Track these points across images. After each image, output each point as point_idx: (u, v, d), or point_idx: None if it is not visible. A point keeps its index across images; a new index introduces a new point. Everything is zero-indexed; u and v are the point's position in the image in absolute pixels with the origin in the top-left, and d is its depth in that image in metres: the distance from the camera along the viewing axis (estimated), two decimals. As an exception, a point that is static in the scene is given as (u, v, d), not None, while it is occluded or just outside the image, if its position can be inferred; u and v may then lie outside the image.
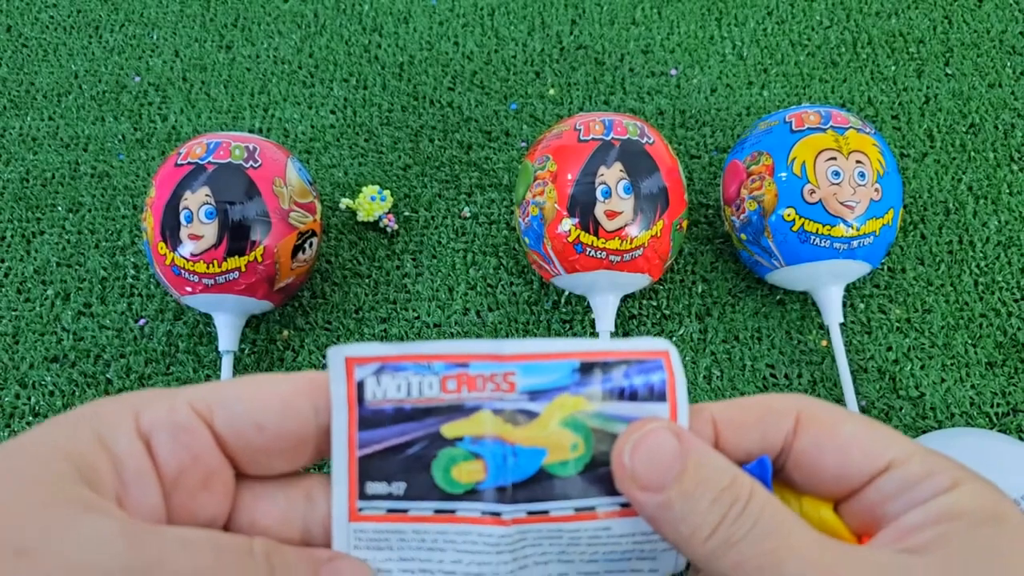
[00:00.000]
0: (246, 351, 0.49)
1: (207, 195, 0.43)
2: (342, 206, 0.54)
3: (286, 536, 0.20)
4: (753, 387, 0.47)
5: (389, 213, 0.54)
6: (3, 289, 0.52)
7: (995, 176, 0.55)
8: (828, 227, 0.44)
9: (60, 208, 0.55)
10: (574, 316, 0.50)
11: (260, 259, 0.44)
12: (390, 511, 0.20)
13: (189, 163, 0.44)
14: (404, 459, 0.20)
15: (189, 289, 0.44)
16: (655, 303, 0.51)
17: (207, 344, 0.50)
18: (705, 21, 0.64)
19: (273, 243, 0.44)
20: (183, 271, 0.44)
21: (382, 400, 0.20)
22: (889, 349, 0.49)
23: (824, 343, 0.49)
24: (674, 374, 0.20)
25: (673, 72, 0.61)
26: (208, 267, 0.43)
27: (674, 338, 0.49)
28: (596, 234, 0.44)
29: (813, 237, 0.44)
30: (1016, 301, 0.50)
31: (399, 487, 0.20)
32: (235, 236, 0.43)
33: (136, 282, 0.52)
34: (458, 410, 0.20)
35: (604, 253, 0.44)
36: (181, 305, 0.51)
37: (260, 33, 0.64)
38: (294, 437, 0.20)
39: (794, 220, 0.44)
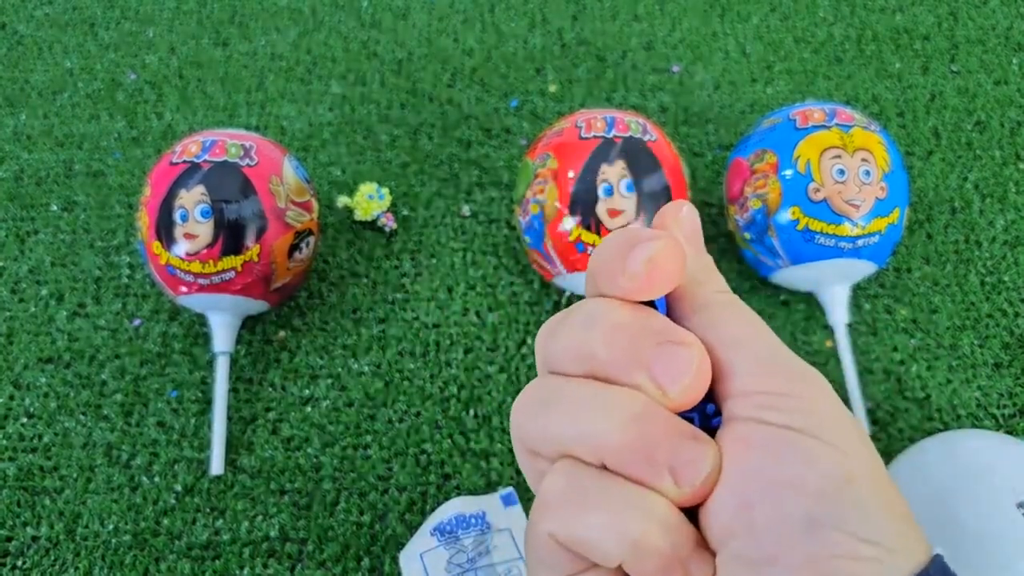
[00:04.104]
0: (242, 352, 0.49)
1: (202, 193, 0.43)
2: (339, 204, 0.53)
3: None
4: (757, 388, 0.47)
5: (387, 212, 0.53)
6: (-4, 289, 0.52)
7: (1001, 174, 0.54)
8: (833, 226, 0.43)
9: (55, 207, 0.55)
10: (575, 316, 0.50)
11: (256, 258, 0.43)
12: None
13: (184, 161, 0.44)
14: None
15: (184, 289, 0.44)
16: (657, 303, 0.50)
17: (202, 345, 0.49)
18: (708, 17, 0.63)
19: (269, 242, 0.44)
20: (178, 271, 0.43)
21: None
22: (895, 350, 0.48)
23: (829, 344, 0.48)
24: None
25: (676, 68, 0.60)
26: (203, 267, 0.43)
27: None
28: (598, 232, 0.43)
29: (818, 236, 0.43)
30: (1023, 301, 0.49)
31: None
32: (231, 235, 0.43)
33: (131, 282, 0.51)
34: None
35: (606, 252, 0.43)
36: (176, 305, 0.50)
37: (257, 29, 0.64)
38: None
39: (799, 219, 0.44)
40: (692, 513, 0.20)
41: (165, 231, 0.43)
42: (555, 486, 0.19)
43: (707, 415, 0.20)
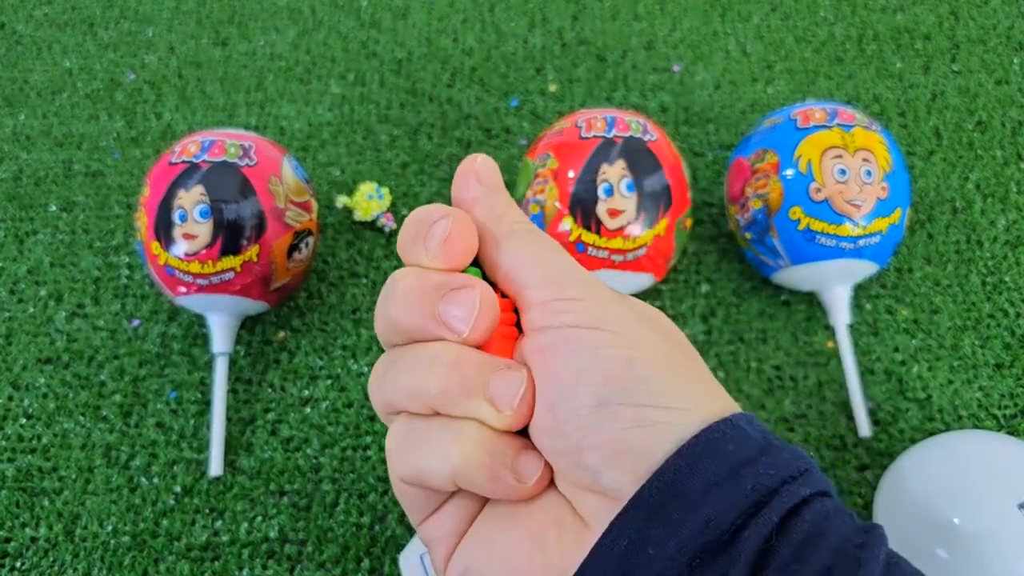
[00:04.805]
0: (241, 353, 0.48)
1: (201, 194, 0.42)
2: (339, 204, 0.53)
3: None
4: (759, 389, 0.47)
5: (387, 212, 0.53)
6: (-5, 289, 0.52)
7: (1003, 174, 0.54)
8: (834, 226, 0.43)
9: (53, 207, 0.55)
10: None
11: (255, 259, 0.43)
12: None
13: (183, 161, 0.43)
14: None
15: (183, 289, 0.44)
16: (659, 304, 0.50)
17: (201, 346, 0.49)
18: (708, 17, 0.63)
19: (268, 242, 0.43)
20: (177, 271, 0.43)
21: None
22: (896, 350, 0.48)
23: (830, 344, 0.48)
24: None
25: (676, 68, 0.60)
26: (202, 267, 0.43)
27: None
28: (598, 233, 0.43)
29: (819, 236, 0.43)
30: (1025, 301, 0.49)
31: None
32: (230, 235, 0.42)
33: (130, 282, 0.51)
34: None
35: (606, 252, 0.43)
36: (175, 306, 0.50)
37: (256, 29, 0.63)
38: None
39: (800, 219, 0.43)
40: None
41: (164, 231, 0.43)
42: (393, 438, 0.23)
43: None
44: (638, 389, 0.21)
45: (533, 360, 0.22)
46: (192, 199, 0.42)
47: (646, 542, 0.20)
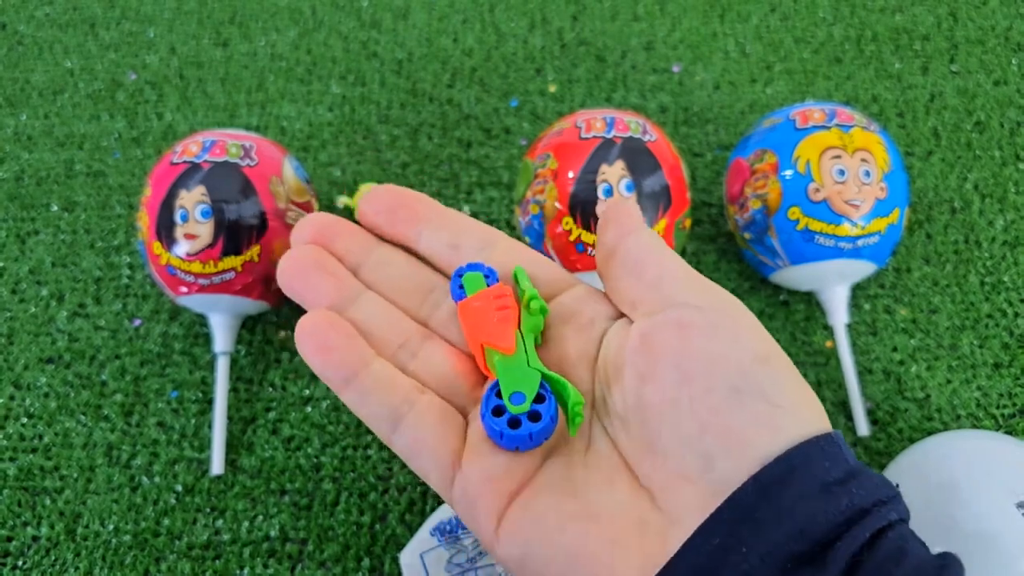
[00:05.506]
0: (242, 352, 0.49)
1: (203, 194, 0.43)
2: (339, 204, 0.53)
3: None
4: (757, 388, 0.47)
5: (388, 212, 0.53)
6: (-3, 289, 0.52)
7: (1001, 174, 0.54)
8: (833, 226, 0.43)
9: (55, 207, 0.55)
10: (575, 316, 0.50)
11: (256, 259, 0.43)
12: None
13: (184, 161, 0.44)
14: None
15: (184, 289, 0.44)
16: (657, 303, 0.50)
17: (203, 345, 0.49)
18: (708, 17, 0.63)
19: (270, 242, 0.44)
20: (178, 271, 0.43)
21: None
22: (895, 350, 0.48)
23: (829, 344, 0.48)
24: None
25: (676, 68, 0.60)
26: (204, 267, 0.43)
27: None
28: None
29: (818, 236, 0.44)
30: (1023, 301, 0.49)
31: None
32: (231, 235, 0.43)
33: (131, 282, 0.51)
34: None
35: (606, 253, 0.43)
36: (176, 305, 0.50)
37: (257, 29, 0.64)
38: None
39: (799, 219, 0.44)
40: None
41: (165, 231, 0.43)
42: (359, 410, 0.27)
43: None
44: (770, 387, 0.21)
45: (670, 330, 0.23)
46: (193, 199, 0.43)
47: (739, 541, 0.20)
